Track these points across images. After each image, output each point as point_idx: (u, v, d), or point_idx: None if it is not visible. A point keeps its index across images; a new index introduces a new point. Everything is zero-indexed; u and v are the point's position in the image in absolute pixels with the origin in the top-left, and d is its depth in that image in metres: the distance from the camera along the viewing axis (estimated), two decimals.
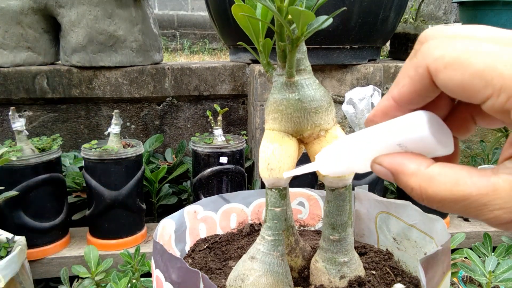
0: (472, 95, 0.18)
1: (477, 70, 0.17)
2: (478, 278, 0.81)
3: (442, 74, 0.18)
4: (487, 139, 1.57)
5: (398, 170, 0.21)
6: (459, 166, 0.19)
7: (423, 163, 0.20)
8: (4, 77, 1.24)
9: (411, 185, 0.20)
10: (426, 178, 0.20)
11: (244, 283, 0.40)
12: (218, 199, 0.59)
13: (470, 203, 0.18)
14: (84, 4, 1.21)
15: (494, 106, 0.17)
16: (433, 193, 0.19)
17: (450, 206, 0.19)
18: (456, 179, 0.19)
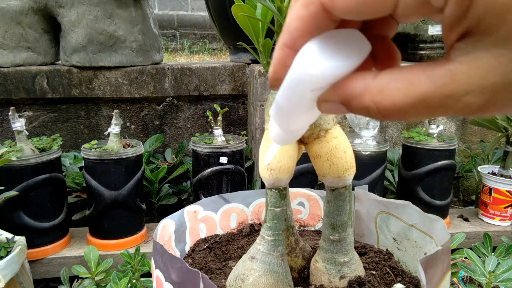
0: (380, 7, 0.16)
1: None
2: (478, 278, 0.81)
3: (340, 2, 0.16)
4: (487, 139, 1.57)
5: (347, 96, 0.18)
6: (409, 66, 0.17)
7: (368, 76, 0.18)
8: (4, 77, 1.24)
9: (365, 104, 0.17)
10: (376, 91, 0.17)
11: (244, 283, 0.40)
12: (218, 199, 0.59)
13: (432, 100, 0.16)
14: (84, 4, 1.21)
15: (409, 4, 0.15)
16: (389, 104, 0.17)
17: (414, 112, 0.16)
18: (409, 80, 0.16)
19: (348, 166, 0.40)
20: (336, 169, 0.39)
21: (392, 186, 1.36)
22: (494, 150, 1.38)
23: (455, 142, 1.16)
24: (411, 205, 0.49)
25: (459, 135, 1.58)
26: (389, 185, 1.36)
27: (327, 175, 0.40)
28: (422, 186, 1.17)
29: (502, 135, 1.18)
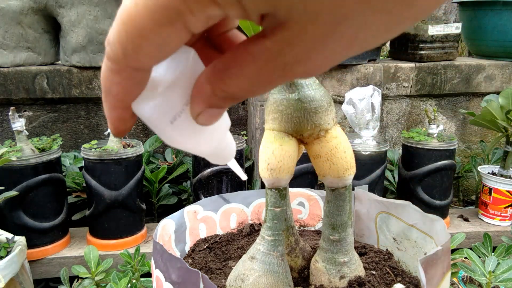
0: (178, 41, 0.17)
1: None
2: (478, 278, 0.81)
3: (143, 59, 0.17)
4: (487, 139, 1.57)
5: (205, 100, 0.19)
6: (234, 50, 0.18)
7: (210, 72, 0.19)
8: (4, 77, 1.24)
9: (222, 95, 0.19)
10: (220, 81, 0.18)
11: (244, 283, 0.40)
12: (218, 199, 0.59)
13: (264, 74, 0.17)
14: (84, 4, 1.21)
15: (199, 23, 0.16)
16: (235, 88, 0.18)
17: (257, 89, 0.18)
18: (239, 64, 0.18)
19: (348, 166, 0.40)
20: (336, 169, 0.39)
21: (392, 186, 1.36)
22: (494, 150, 1.38)
23: (455, 142, 1.16)
24: (411, 205, 0.49)
25: (459, 135, 1.58)
26: (389, 185, 1.36)
27: (327, 175, 0.40)
28: (422, 186, 1.17)
29: (502, 135, 1.18)
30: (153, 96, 0.20)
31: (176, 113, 0.21)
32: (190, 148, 0.23)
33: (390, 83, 1.43)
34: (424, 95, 1.49)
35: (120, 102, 0.20)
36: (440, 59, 1.47)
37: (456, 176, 1.45)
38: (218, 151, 0.26)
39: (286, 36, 0.16)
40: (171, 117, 0.21)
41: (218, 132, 0.25)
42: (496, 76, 1.49)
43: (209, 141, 0.24)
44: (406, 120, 1.51)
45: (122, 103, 0.20)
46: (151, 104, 0.20)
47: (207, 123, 0.21)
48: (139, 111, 0.20)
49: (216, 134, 0.24)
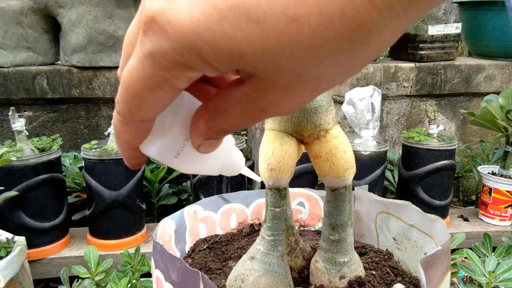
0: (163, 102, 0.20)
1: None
2: (478, 278, 0.81)
3: (145, 112, 0.20)
4: (487, 139, 1.57)
5: (203, 134, 0.22)
6: (220, 93, 0.21)
7: (202, 113, 0.22)
8: (4, 77, 1.24)
9: (216, 130, 0.22)
10: (212, 119, 0.21)
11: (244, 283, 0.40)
12: (218, 199, 0.59)
13: (247, 114, 0.20)
14: (84, 4, 1.21)
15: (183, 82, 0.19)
16: (226, 124, 0.21)
17: (245, 123, 0.21)
18: (225, 107, 0.20)
19: (348, 166, 0.40)
20: (336, 169, 0.39)
21: (392, 186, 1.36)
22: (494, 150, 1.38)
23: (455, 142, 1.16)
24: (411, 205, 0.49)
25: (459, 135, 1.58)
26: (389, 185, 1.36)
27: (327, 175, 0.40)
28: (422, 186, 1.17)
29: (502, 135, 1.18)
30: (156, 138, 0.23)
31: (178, 148, 0.24)
32: (199, 171, 0.27)
33: (390, 83, 1.43)
34: (424, 95, 1.49)
35: (130, 145, 0.23)
36: (440, 59, 1.47)
37: (456, 176, 1.45)
38: (227, 167, 0.29)
39: (259, 85, 0.19)
40: (174, 153, 0.24)
41: (223, 152, 0.27)
42: (496, 76, 1.49)
43: (216, 162, 0.27)
44: (406, 120, 1.51)
45: (131, 146, 0.23)
46: (155, 146, 0.24)
47: (209, 151, 0.24)
48: (146, 152, 0.24)
49: (220, 155, 0.27)
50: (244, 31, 0.16)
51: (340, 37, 0.17)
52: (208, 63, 0.18)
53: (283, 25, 0.16)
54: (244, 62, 0.17)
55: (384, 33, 0.17)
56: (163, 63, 0.18)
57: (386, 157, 1.14)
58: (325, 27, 0.16)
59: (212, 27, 0.16)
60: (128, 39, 0.21)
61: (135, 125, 0.21)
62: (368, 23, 0.16)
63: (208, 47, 0.17)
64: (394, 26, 0.17)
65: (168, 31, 0.17)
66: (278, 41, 0.16)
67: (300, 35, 0.16)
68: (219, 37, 0.17)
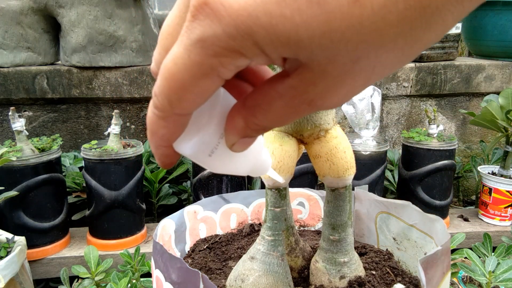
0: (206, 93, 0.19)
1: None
2: (478, 278, 0.81)
3: (185, 104, 0.20)
4: (487, 139, 1.57)
5: (239, 132, 0.21)
6: (262, 87, 0.20)
7: (241, 109, 0.21)
8: (4, 77, 1.24)
9: (254, 128, 0.21)
10: (251, 115, 0.20)
11: (244, 283, 0.40)
12: (218, 199, 0.59)
13: (290, 109, 0.19)
14: (84, 4, 1.21)
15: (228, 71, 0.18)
16: (267, 120, 0.20)
17: (286, 120, 0.20)
18: (268, 101, 0.20)
19: (348, 166, 0.40)
20: (336, 169, 0.39)
21: (392, 186, 1.36)
22: (494, 150, 1.38)
23: (455, 142, 1.16)
24: (411, 205, 0.49)
25: (459, 135, 1.58)
26: (389, 185, 1.36)
27: (327, 175, 0.40)
28: (422, 186, 1.17)
29: (502, 135, 1.18)
30: (191, 135, 0.23)
31: (213, 146, 0.23)
32: (230, 171, 0.26)
33: (390, 83, 1.43)
34: (424, 95, 1.49)
35: (165, 142, 0.22)
36: (440, 59, 1.47)
37: (456, 176, 1.45)
38: (256, 167, 0.28)
39: (309, 76, 0.18)
40: (209, 151, 0.23)
41: (254, 152, 0.27)
42: (496, 76, 1.49)
43: (247, 162, 0.27)
44: (406, 120, 1.51)
45: (167, 143, 0.22)
46: (191, 144, 0.23)
47: (242, 150, 0.23)
48: (181, 150, 0.23)
49: (252, 155, 0.27)
50: (303, 13, 0.16)
51: (403, 20, 0.16)
52: (261, 49, 0.17)
53: (345, 7, 0.15)
54: (299, 47, 0.16)
55: (446, 17, 0.16)
56: (214, 49, 0.17)
57: (386, 157, 1.14)
58: (388, 10, 0.16)
59: (270, 10, 0.16)
60: (167, 30, 0.20)
61: (174, 119, 0.20)
62: (433, 6, 0.16)
63: (264, 31, 0.16)
64: (458, 9, 0.16)
65: (221, 14, 0.16)
66: (338, 24, 0.16)
67: (361, 18, 0.16)
68: (276, 20, 0.16)
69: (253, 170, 0.28)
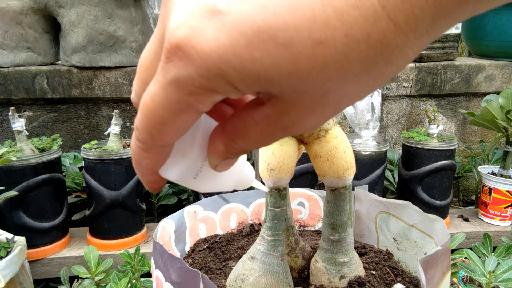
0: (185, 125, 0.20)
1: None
2: (478, 278, 0.81)
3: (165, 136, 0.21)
4: (487, 139, 1.57)
5: (220, 154, 0.22)
6: (238, 113, 0.21)
7: (219, 133, 0.22)
8: (4, 77, 1.24)
9: (233, 151, 0.22)
10: (230, 140, 0.21)
11: (244, 283, 0.40)
12: (218, 199, 0.59)
13: (267, 135, 0.21)
14: (84, 4, 1.21)
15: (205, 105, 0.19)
16: (245, 144, 0.21)
17: (265, 142, 0.21)
18: (244, 127, 0.21)
19: (348, 166, 0.40)
20: (336, 169, 0.39)
21: (392, 186, 1.36)
22: (494, 150, 1.38)
23: (455, 142, 1.16)
24: (411, 205, 0.49)
25: (459, 135, 1.58)
26: (389, 185, 1.36)
27: (327, 175, 0.40)
28: (422, 186, 1.17)
29: (502, 135, 1.18)
30: (175, 162, 0.24)
31: (197, 169, 0.25)
32: (216, 189, 0.27)
33: (390, 83, 1.43)
34: (424, 95, 1.49)
35: (150, 170, 0.23)
36: (440, 59, 1.47)
37: (456, 176, 1.45)
38: (240, 182, 0.30)
39: (281, 106, 0.19)
40: (194, 174, 0.25)
41: (237, 169, 0.28)
42: (496, 76, 1.49)
43: (230, 178, 0.28)
44: (406, 120, 1.51)
45: (152, 171, 0.23)
46: (176, 170, 0.24)
47: (225, 170, 0.24)
48: (167, 176, 0.24)
49: (235, 171, 0.28)
50: (271, 55, 0.17)
51: (366, 58, 0.17)
52: (234, 86, 0.18)
53: (310, 49, 0.16)
54: (270, 84, 0.18)
55: (407, 52, 0.18)
56: (189, 88, 0.18)
57: (386, 157, 1.14)
58: (350, 49, 0.17)
59: (239, 52, 0.17)
60: (144, 64, 0.21)
61: (156, 150, 0.21)
62: (393, 44, 0.17)
63: (235, 72, 0.17)
64: (417, 45, 0.17)
65: (194, 57, 0.17)
66: (305, 63, 0.17)
67: (326, 57, 0.17)
68: (246, 62, 0.17)
69: (238, 185, 0.29)
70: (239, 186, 0.30)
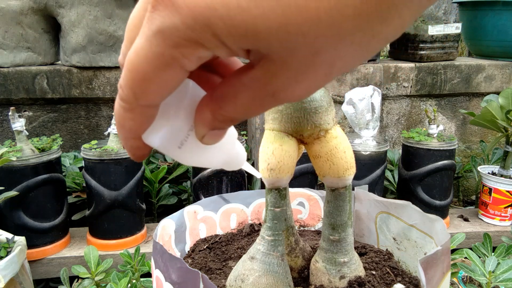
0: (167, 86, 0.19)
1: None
2: (478, 278, 0.81)
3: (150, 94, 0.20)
4: (487, 139, 1.57)
5: (208, 123, 0.22)
6: (229, 79, 0.20)
7: (208, 100, 0.21)
8: (4, 77, 1.24)
9: (221, 119, 0.21)
10: (219, 107, 0.20)
11: (244, 283, 0.40)
12: (218, 199, 0.59)
13: (256, 100, 0.20)
14: (84, 4, 1.21)
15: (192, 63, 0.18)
16: (233, 111, 0.20)
17: (252, 111, 0.20)
18: (234, 93, 0.20)
19: (348, 166, 0.40)
20: (336, 169, 0.39)
21: (392, 186, 1.36)
22: (494, 150, 1.38)
23: (455, 142, 1.16)
24: (411, 205, 0.49)
25: (459, 135, 1.58)
26: (389, 185, 1.36)
27: (327, 175, 0.40)
28: (422, 186, 1.17)
29: (502, 135, 1.18)
30: (159, 127, 0.23)
31: (182, 138, 0.23)
32: (202, 164, 0.26)
33: (390, 83, 1.43)
34: (424, 95, 1.49)
35: (133, 134, 0.22)
36: (440, 59, 1.47)
37: (456, 176, 1.45)
38: (229, 160, 0.28)
39: (271, 67, 0.18)
40: (178, 143, 0.24)
41: (226, 145, 0.26)
42: (496, 76, 1.49)
43: (219, 154, 0.26)
44: (406, 120, 1.51)
45: (135, 135, 0.22)
46: (159, 135, 0.23)
47: (212, 143, 0.23)
48: (149, 142, 0.23)
49: (224, 147, 0.26)
50: (260, 5, 0.16)
51: (359, 14, 0.16)
52: (220, 40, 0.17)
53: (301, 0, 0.16)
54: (258, 39, 0.17)
55: (403, 12, 0.17)
56: (174, 39, 0.17)
57: (386, 157, 1.14)
58: (344, 3, 0.16)
59: (227, 1, 0.16)
60: (132, 22, 0.20)
61: (140, 111, 0.20)
62: (388, 0, 0.16)
63: (222, 22, 0.16)
64: (414, 4, 0.17)
65: (180, 5, 0.16)
66: (295, 17, 0.16)
67: (318, 11, 0.16)
68: (234, 11, 0.16)
69: (227, 163, 0.28)
70: (229, 165, 0.29)
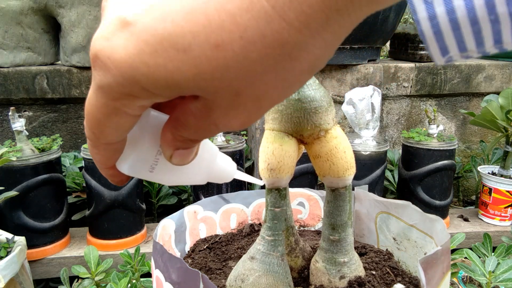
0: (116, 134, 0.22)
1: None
2: (478, 278, 0.81)
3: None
4: (487, 139, 1.57)
5: (170, 145, 0.23)
6: (173, 119, 0.22)
7: (169, 127, 0.23)
8: (4, 77, 1.24)
9: (180, 139, 0.23)
10: (173, 126, 0.23)
11: (244, 283, 0.40)
12: (218, 199, 0.59)
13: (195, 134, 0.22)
14: (84, 4, 1.21)
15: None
16: (185, 129, 0.22)
17: (201, 135, 0.23)
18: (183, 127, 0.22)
19: (348, 166, 0.40)
20: (336, 169, 0.39)
21: (392, 186, 1.36)
22: (494, 150, 1.38)
23: (455, 142, 1.16)
24: (411, 205, 0.49)
25: (459, 135, 1.58)
26: (389, 185, 1.36)
27: (327, 175, 0.40)
28: (422, 186, 1.17)
29: (502, 135, 1.18)
30: (127, 156, 0.24)
31: (151, 162, 0.25)
32: (182, 182, 0.27)
33: (390, 83, 1.43)
34: (424, 95, 1.49)
35: (104, 165, 0.25)
36: None
37: (456, 176, 1.45)
38: (213, 176, 0.30)
39: (207, 103, 0.20)
40: (148, 167, 0.25)
41: (204, 161, 0.28)
42: (496, 76, 1.49)
43: (199, 172, 0.28)
44: (406, 120, 1.51)
45: (105, 165, 0.25)
46: (128, 163, 0.25)
47: (183, 163, 0.24)
48: (121, 169, 0.25)
49: (202, 164, 0.28)
50: (174, 60, 0.17)
51: (265, 56, 0.18)
52: (150, 92, 0.19)
53: (208, 52, 0.17)
54: (180, 88, 0.18)
55: (309, 49, 0.18)
56: (112, 94, 0.19)
57: (386, 157, 1.14)
58: (248, 50, 0.17)
59: (146, 60, 0.18)
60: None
61: (103, 147, 0.23)
62: (290, 42, 0.17)
63: (145, 78, 0.18)
64: (318, 41, 0.18)
65: (109, 66, 0.18)
66: (206, 66, 0.18)
67: (226, 59, 0.17)
68: (152, 68, 0.18)
69: (211, 178, 0.29)
70: (215, 179, 0.30)
